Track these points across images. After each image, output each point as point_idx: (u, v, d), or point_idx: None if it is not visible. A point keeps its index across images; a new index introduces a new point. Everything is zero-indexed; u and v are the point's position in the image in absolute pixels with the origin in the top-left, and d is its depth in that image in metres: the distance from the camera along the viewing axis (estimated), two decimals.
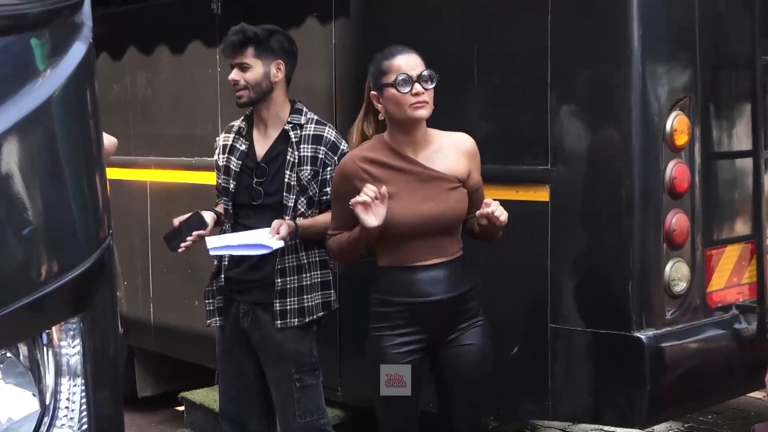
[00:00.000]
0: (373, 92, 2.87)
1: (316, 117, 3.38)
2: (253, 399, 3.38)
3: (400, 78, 2.77)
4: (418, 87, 2.77)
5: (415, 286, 2.82)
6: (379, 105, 2.86)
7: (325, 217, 3.23)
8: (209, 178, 4.77)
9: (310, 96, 4.17)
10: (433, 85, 2.80)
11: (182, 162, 4.71)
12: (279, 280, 3.26)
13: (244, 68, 3.30)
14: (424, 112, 2.80)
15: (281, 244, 3.15)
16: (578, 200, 3.34)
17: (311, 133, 3.32)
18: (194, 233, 3.28)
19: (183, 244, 3.30)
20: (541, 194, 3.37)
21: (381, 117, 2.89)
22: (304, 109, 3.38)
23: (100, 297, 1.64)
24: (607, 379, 3.29)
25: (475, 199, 2.88)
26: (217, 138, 3.49)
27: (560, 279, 3.37)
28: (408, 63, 2.81)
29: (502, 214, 2.75)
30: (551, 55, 3.32)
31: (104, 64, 4.96)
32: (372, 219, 2.72)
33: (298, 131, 3.31)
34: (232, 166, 3.36)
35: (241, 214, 3.34)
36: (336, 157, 3.30)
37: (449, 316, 2.85)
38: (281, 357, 3.29)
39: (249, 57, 3.29)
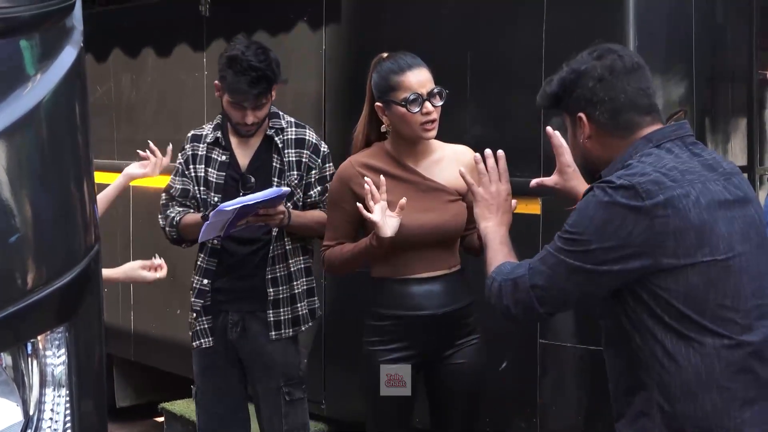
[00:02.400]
0: (378, 104, 2.87)
1: (293, 119, 3.40)
2: (237, 414, 3.39)
3: (411, 98, 2.77)
4: (428, 106, 2.78)
5: (410, 299, 2.82)
6: (384, 117, 2.86)
7: (313, 213, 3.28)
8: None
9: (300, 102, 4.20)
10: (442, 103, 2.81)
11: (166, 167, 4.73)
12: (271, 289, 3.27)
13: (259, 107, 3.25)
14: (433, 134, 2.82)
15: (288, 189, 3.18)
16: (570, 213, 3.37)
17: (293, 137, 3.34)
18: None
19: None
20: (533, 207, 3.40)
21: (384, 129, 2.89)
22: (280, 113, 3.40)
23: (87, 306, 1.65)
24: (596, 395, 3.31)
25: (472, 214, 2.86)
26: (186, 145, 3.43)
27: None
28: (419, 80, 2.80)
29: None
30: (545, 65, 3.35)
31: (88, 65, 4.97)
32: (387, 228, 2.68)
33: (281, 135, 3.32)
34: (212, 179, 3.33)
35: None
36: (319, 160, 3.32)
37: (444, 331, 2.85)
38: (271, 370, 3.31)
39: (264, 98, 3.25)
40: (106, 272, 3.18)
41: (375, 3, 4.03)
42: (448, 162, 2.90)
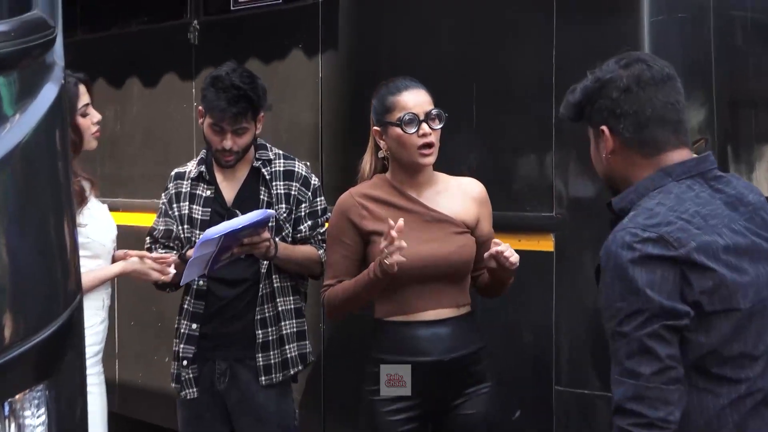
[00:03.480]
0: (375, 128, 2.90)
1: (281, 152, 3.42)
2: None
3: (407, 117, 2.79)
4: (425, 127, 2.80)
5: (415, 343, 2.79)
6: (381, 142, 2.88)
7: (303, 248, 3.30)
8: None
9: (295, 132, 4.21)
10: (441, 125, 2.83)
11: (153, 205, 4.72)
12: (260, 331, 3.27)
13: (240, 133, 3.28)
14: (431, 159, 2.83)
15: (273, 212, 3.19)
16: (586, 250, 3.36)
17: (281, 169, 3.36)
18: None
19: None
20: (545, 244, 3.40)
21: (381, 155, 2.91)
22: (267, 144, 3.42)
23: (68, 362, 1.64)
24: None
25: (482, 251, 2.83)
26: (169, 184, 3.45)
27: (567, 337, 3.38)
28: (415, 100, 2.83)
29: (513, 255, 2.73)
30: (556, 92, 3.36)
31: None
32: (397, 256, 2.64)
33: (269, 167, 3.34)
34: (196, 216, 3.35)
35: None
36: (309, 193, 3.35)
37: (453, 379, 2.82)
38: (264, 420, 3.29)
39: (247, 121, 3.28)
40: (101, 272, 3.14)
41: (373, 28, 4.05)
42: (454, 193, 2.90)
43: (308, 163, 3.50)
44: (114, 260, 3.25)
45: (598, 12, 3.37)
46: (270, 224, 3.24)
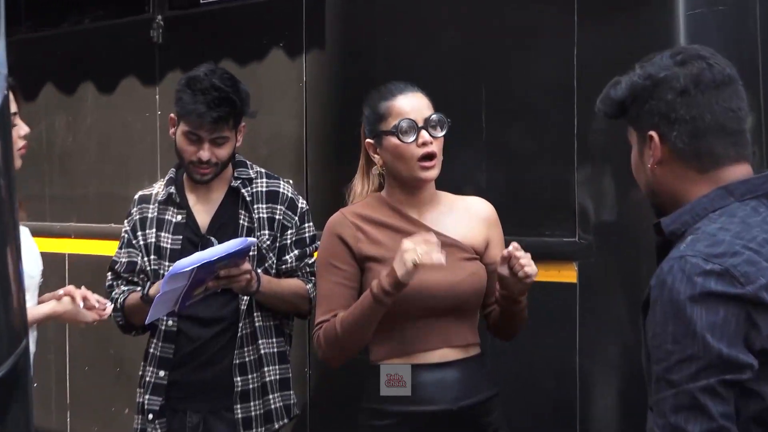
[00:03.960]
0: (368, 140, 2.88)
1: (264, 170, 3.42)
2: None
3: (403, 124, 2.78)
4: (425, 135, 2.79)
5: (419, 390, 2.78)
6: (375, 156, 2.87)
7: (290, 282, 3.30)
8: None
9: (276, 145, 4.22)
10: (443, 133, 2.82)
11: (111, 230, 4.73)
12: (239, 378, 3.27)
13: (219, 143, 3.28)
14: (434, 173, 2.81)
15: (254, 240, 3.18)
16: (615, 282, 3.37)
17: (264, 189, 3.36)
18: None
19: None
20: (567, 274, 3.41)
21: (376, 171, 2.91)
22: (248, 162, 3.42)
23: (13, 417, 1.63)
24: None
25: (494, 282, 2.82)
26: (132, 209, 3.43)
27: (592, 382, 3.39)
28: (413, 105, 2.82)
29: (530, 265, 2.69)
30: (578, 98, 3.38)
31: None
32: (408, 262, 2.61)
33: (249, 187, 3.35)
34: (165, 245, 3.34)
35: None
36: (296, 218, 3.35)
37: (462, 431, 2.82)
38: None
39: (228, 130, 3.28)
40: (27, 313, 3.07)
41: (366, 24, 4.07)
42: (461, 214, 2.90)
43: (291, 182, 3.51)
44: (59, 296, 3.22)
45: (626, 7, 3.39)
46: (252, 253, 3.24)
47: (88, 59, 5.01)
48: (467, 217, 2.90)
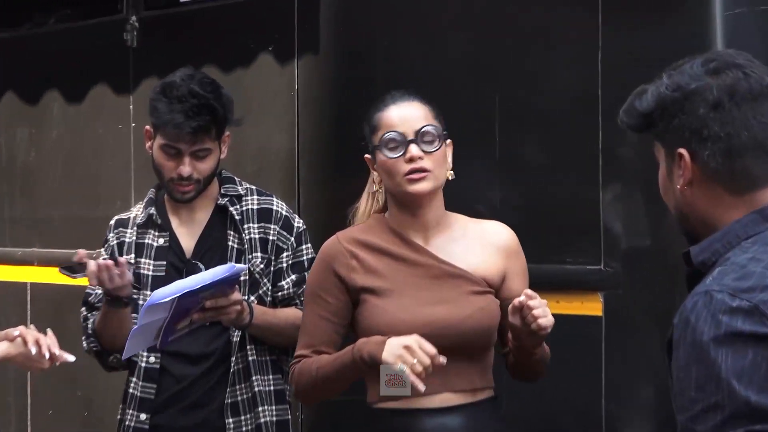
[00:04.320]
0: (366, 155, 2.91)
1: (254, 187, 3.43)
2: None
3: (386, 137, 2.80)
4: (413, 150, 2.78)
5: None
6: (374, 173, 2.89)
7: (287, 312, 3.28)
8: None
9: (265, 159, 4.23)
10: (437, 148, 2.80)
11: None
12: (231, 420, 3.26)
13: (201, 156, 3.28)
14: (424, 186, 2.79)
15: (244, 266, 3.16)
16: (645, 315, 3.36)
17: (255, 207, 3.36)
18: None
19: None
20: (592, 306, 3.40)
21: (374, 188, 2.92)
22: (236, 178, 3.43)
23: None
24: None
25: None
26: (109, 235, 3.43)
27: (619, 425, 3.38)
28: (402, 116, 2.82)
29: (545, 316, 2.66)
30: (602, 107, 3.38)
31: None
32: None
33: (239, 205, 3.35)
34: (146, 272, 3.34)
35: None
36: (292, 239, 3.34)
37: None
38: None
39: (210, 141, 3.28)
40: None
41: (366, 26, 4.07)
42: (473, 241, 2.88)
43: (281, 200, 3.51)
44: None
45: (657, 6, 3.39)
46: (243, 278, 3.24)
47: (53, 64, 5.02)
48: (480, 245, 2.88)
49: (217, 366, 3.29)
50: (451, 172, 2.86)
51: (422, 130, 2.79)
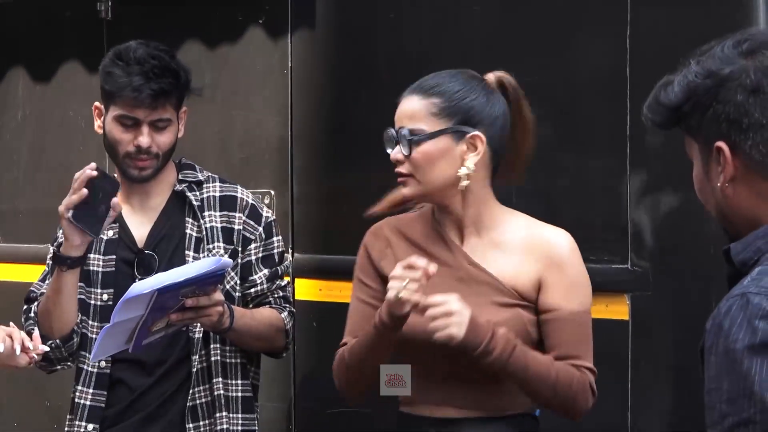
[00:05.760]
0: None
1: (216, 175, 3.48)
2: None
3: (385, 135, 2.92)
4: (394, 152, 2.88)
5: None
6: None
7: (263, 313, 3.34)
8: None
9: (254, 145, 4.24)
10: (409, 153, 2.84)
11: (46, 253, 4.75)
12: (191, 425, 3.30)
13: (160, 128, 3.33)
14: (407, 191, 2.90)
15: (230, 261, 3.19)
16: (675, 319, 3.39)
17: (217, 194, 3.41)
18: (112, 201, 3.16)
19: (108, 222, 3.19)
20: (618, 310, 3.44)
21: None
22: (197, 165, 3.48)
23: None
24: None
25: (550, 335, 2.87)
26: (58, 231, 3.46)
27: None
28: (399, 112, 2.92)
29: (443, 329, 2.70)
30: (630, 94, 3.41)
31: None
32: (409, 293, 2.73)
33: (197, 192, 3.39)
34: (95, 268, 3.37)
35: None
36: (260, 228, 3.39)
37: None
38: None
39: (170, 111, 3.33)
40: None
41: None
42: (516, 246, 2.91)
43: (272, 192, 3.54)
44: None
45: None
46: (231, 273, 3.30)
47: (17, 39, 5.03)
48: (522, 251, 2.91)
49: (173, 370, 3.33)
50: (464, 168, 2.85)
51: (401, 132, 2.88)
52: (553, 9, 3.65)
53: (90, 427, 3.34)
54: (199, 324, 3.23)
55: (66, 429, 3.44)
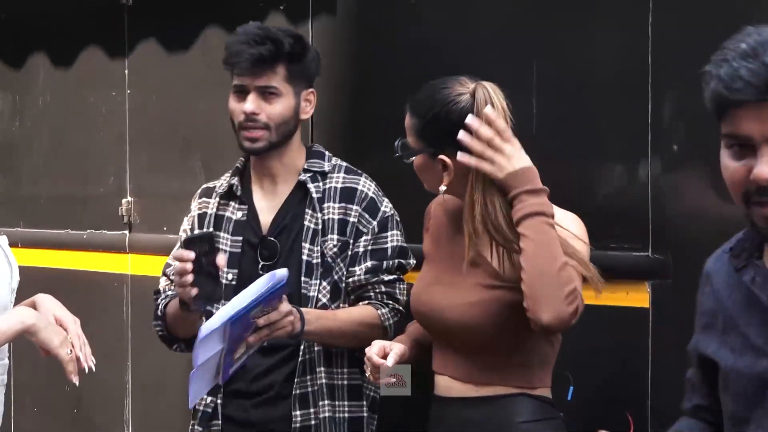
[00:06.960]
0: None
1: (345, 164, 3.53)
2: None
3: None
4: None
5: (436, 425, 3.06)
6: None
7: (350, 313, 3.38)
8: (114, 264, 4.73)
9: None
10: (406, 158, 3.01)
11: (68, 238, 4.76)
12: (298, 412, 3.38)
13: (269, 96, 3.40)
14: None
15: (286, 271, 3.18)
16: (695, 307, 3.38)
17: (339, 185, 3.46)
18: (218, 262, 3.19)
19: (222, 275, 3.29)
20: (638, 297, 3.43)
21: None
22: (327, 153, 3.54)
23: None
24: None
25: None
26: (192, 204, 3.57)
27: (666, 424, 3.39)
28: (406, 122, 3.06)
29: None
30: (653, 80, 3.39)
31: None
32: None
33: (320, 183, 3.43)
34: (224, 247, 3.45)
35: None
36: (375, 222, 3.43)
37: None
38: None
39: (278, 80, 3.41)
40: None
41: None
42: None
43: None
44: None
45: None
46: (315, 263, 3.37)
47: (39, 25, 5.04)
48: None
49: (289, 358, 3.42)
50: (443, 187, 2.95)
51: (400, 143, 3.02)
52: (568, 6, 3.62)
53: (209, 399, 3.44)
54: (280, 338, 3.27)
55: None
